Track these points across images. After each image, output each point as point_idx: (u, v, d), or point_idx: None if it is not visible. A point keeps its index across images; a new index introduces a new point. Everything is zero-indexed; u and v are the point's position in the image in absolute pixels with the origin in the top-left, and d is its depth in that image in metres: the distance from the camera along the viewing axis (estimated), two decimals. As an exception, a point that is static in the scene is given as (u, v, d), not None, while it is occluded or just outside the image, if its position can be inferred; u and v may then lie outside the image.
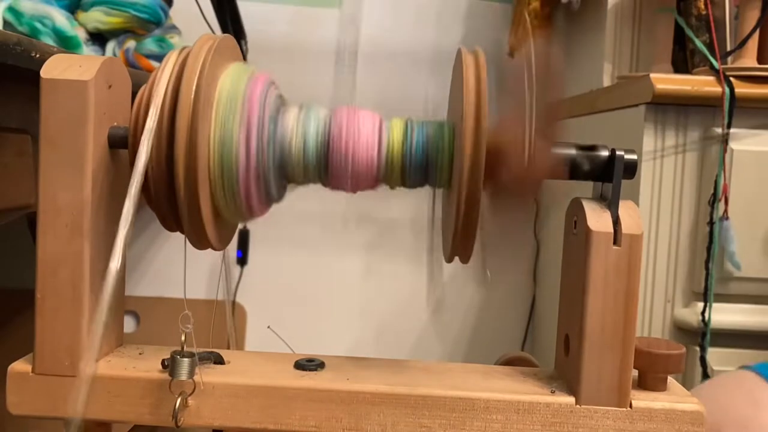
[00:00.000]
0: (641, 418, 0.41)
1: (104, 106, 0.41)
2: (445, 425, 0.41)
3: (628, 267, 0.40)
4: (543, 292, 1.48)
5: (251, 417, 0.42)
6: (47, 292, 0.41)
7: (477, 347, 1.58)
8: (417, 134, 0.42)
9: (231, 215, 0.43)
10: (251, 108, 0.40)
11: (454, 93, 0.43)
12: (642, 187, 0.90)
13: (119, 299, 0.45)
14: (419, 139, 0.42)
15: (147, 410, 0.42)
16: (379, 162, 0.41)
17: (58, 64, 0.41)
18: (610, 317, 0.41)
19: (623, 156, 0.41)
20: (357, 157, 0.41)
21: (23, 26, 0.87)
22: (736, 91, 0.86)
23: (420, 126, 0.43)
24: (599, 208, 0.41)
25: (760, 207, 0.89)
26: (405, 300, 1.57)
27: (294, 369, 0.44)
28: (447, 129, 0.42)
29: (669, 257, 0.92)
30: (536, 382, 0.44)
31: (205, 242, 0.41)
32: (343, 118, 0.41)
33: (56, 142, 0.40)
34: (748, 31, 0.92)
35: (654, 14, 1.06)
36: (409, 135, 0.42)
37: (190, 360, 0.40)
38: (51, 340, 0.41)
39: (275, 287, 1.56)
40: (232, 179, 0.40)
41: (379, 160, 0.41)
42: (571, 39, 1.34)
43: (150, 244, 1.53)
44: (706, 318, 0.88)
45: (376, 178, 0.42)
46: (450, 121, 0.44)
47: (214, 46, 0.40)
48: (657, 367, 0.42)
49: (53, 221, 0.41)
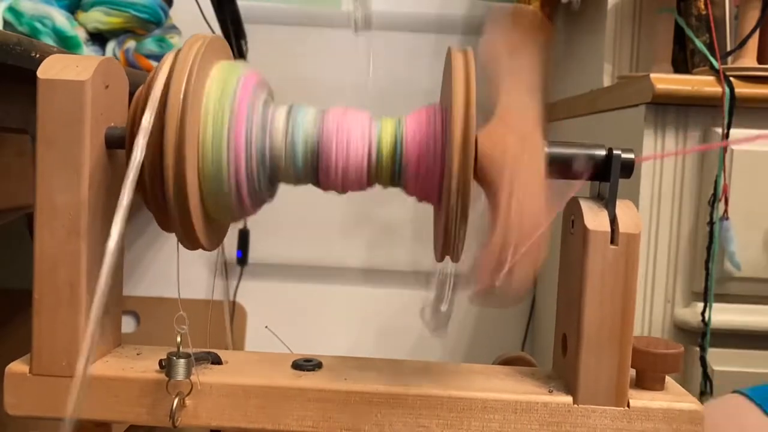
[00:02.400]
0: (639, 417, 0.41)
1: (101, 106, 0.42)
2: (443, 425, 0.41)
3: (625, 266, 0.40)
4: (543, 291, 1.48)
5: (248, 417, 0.42)
6: (45, 292, 0.41)
7: (476, 347, 1.58)
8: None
9: (221, 215, 0.42)
10: (240, 108, 0.40)
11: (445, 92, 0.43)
12: (642, 188, 0.90)
13: (117, 299, 0.45)
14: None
15: (144, 410, 0.42)
16: (369, 162, 0.41)
17: (55, 64, 0.41)
18: (607, 316, 0.41)
19: (620, 155, 0.41)
20: (346, 157, 0.41)
21: (23, 26, 0.87)
22: (736, 91, 0.86)
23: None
24: (596, 207, 0.41)
25: (760, 207, 0.89)
26: (404, 300, 1.56)
27: (291, 369, 0.44)
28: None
29: (669, 257, 0.91)
30: (534, 381, 0.44)
31: (195, 242, 0.41)
32: (332, 119, 0.41)
33: (53, 142, 0.40)
34: (748, 31, 0.92)
35: (654, 14, 1.06)
36: (398, 135, 0.41)
37: (186, 360, 0.40)
38: (48, 341, 0.41)
39: (275, 287, 1.56)
40: (221, 180, 0.40)
41: (369, 160, 0.41)
42: (571, 39, 1.33)
43: (150, 245, 1.53)
44: (706, 318, 0.88)
45: (366, 178, 0.42)
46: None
47: (203, 47, 0.40)
48: (655, 366, 0.42)
49: (50, 221, 0.41)
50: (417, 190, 0.42)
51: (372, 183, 0.42)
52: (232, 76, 0.41)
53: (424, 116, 0.41)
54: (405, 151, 0.41)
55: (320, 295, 1.56)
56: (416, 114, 0.42)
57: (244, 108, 0.40)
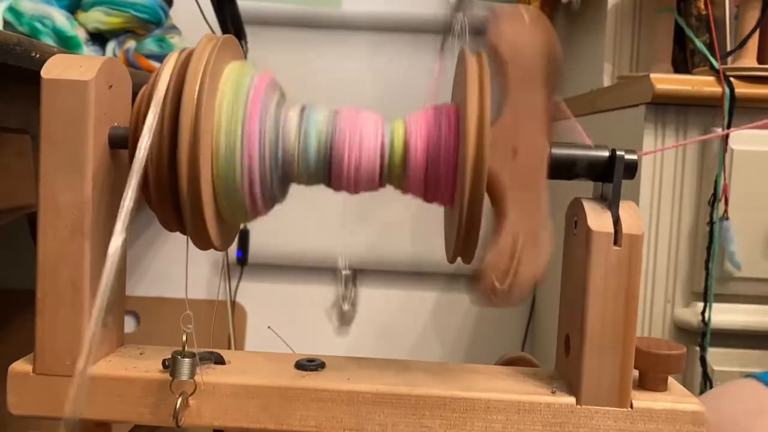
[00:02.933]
0: (642, 418, 0.41)
1: (105, 106, 0.41)
2: (446, 425, 0.41)
3: (628, 267, 0.40)
4: (543, 292, 1.48)
5: (252, 417, 0.42)
6: (47, 292, 0.41)
7: (476, 347, 1.58)
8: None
9: (234, 215, 0.43)
10: (254, 108, 0.40)
11: (457, 95, 0.43)
12: (642, 188, 0.90)
13: (120, 298, 0.45)
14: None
15: (148, 410, 0.42)
16: (381, 163, 0.41)
17: (58, 64, 0.41)
18: (610, 317, 0.41)
19: (624, 156, 0.41)
20: (359, 159, 0.41)
21: (23, 26, 0.87)
22: (736, 91, 0.86)
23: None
24: (599, 208, 0.41)
25: (761, 207, 0.89)
26: (403, 301, 1.57)
27: (295, 369, 0.44)
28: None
29: (669, 257, 0.92)
30: (537, 382, 0.44)
31: (207, 243, 0.41)
32: (345, 120, 0.41)
33: (57, 143, 0.40)
34: (748, 31, 0.92)
35: (654, 14, 1.06)
36: (411, 135, 0.41)
37: (190, 360, 0.40)
38: (51, 340, 0.41)
39: (275, 287, 1.56)
40: (234, 180, 0.40)
41: (381, 161, 0.41)
42: (571, 39, 1.34)
43: (150, 245, 1.53)
44: (706, 318, 0.88)
45: (378, 179, 0.42)
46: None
47: (216, 46, 0.40)
48: (657, 367, 0.42)
49: (53, 221, 0.41)
50: (428, 192, 0.42)
51: (384, 183, 0.42)
52: (245, 76, 0.42)
53: (435, 117, 0.41)
54: (417, 153, 0.41)
55: (320, 296, 1.56)
56: (426, 114, 0.42)
57: (257, 108, 0.40)
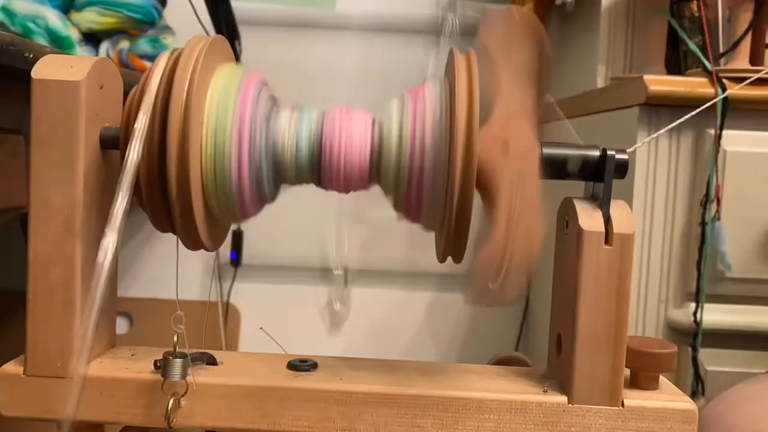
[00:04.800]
0: (633, 416, 0.41)
1: (96, 106, 0.41)
2: (439, 425, 0.41)
3: (619, 266, 0.40)
4: (536, 291, 1.48)
5: (244, 417, 0.42)
6: (39, 293, 0.41)
7: (470, 347, 1.58)
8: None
9: (224, 216, 0.43)
10: (243, 109, 0.40)
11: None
12: (635, 188, 0.91)
13: (111, 300, 0.45)
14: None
15: (139, 411, 0.42)
16: (371, 163, 0.41)
17: (49, 64, 0.41)
18: (602, 317, 0.41)
19: (614, 156, 0.41)
20: (349, 158, 0.41)
21: (16, 26, 0.87)
22: (728, 93, 0.86)
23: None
24: (591, 207, 0.42)
25: (753, 208, 0.89)
26: (397, 301, 1.57)
27: (287, 369, 0.44)
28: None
29: (662, 258, 0.92)
30: (529, 381, 0.44)
31: (197, 243, 0.41)
32: (335, 120, 0.41)
33: (48, 143, 0.40)
34: (740, 33, 0.93)
35: (647, 16, 1.06)
36: (401, 133, 0.41)
37: (182, 361, 0.40)
38: (42, 342, 0.41)
39: (268, 288, 1.56)
40: (224, 181, 0.40)
41: (371, 161, 0.41)
42: (565, 40, 1.34)
43: (142, 245, 1.53)
44: (698, 318, 0.88)
45: (368, 178, 0.42)
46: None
47: (205, 47, 0.40)
48: (649, 366, 0.42)
49: (45, 221, 0.41)
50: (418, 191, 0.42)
51: (373, 181, 0.42)
52: (235, 77, 0.41)
53: (425, 114, 0.41)
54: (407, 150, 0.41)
55: (313, 297, 1.56)
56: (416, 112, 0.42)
57: (247, 108, 0.40)
